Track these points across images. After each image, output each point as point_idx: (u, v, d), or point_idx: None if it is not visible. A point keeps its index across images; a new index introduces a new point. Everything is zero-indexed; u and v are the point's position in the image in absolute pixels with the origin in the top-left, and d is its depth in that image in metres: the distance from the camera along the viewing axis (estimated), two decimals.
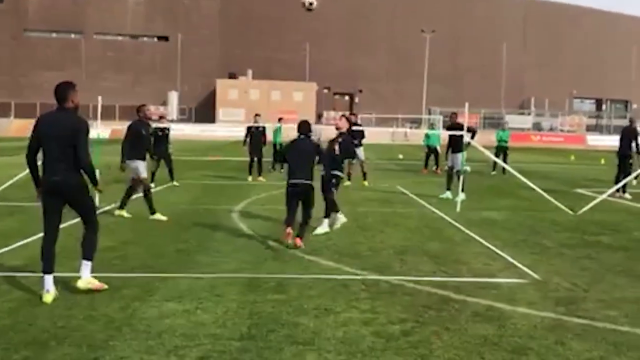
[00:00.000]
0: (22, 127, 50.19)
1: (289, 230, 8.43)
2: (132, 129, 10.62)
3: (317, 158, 9.11)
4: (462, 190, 13.48)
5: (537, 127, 73.67)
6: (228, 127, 60.71)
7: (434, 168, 23.05)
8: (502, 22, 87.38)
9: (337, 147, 9.92)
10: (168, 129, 16.07)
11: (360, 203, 13.41)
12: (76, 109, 6.12)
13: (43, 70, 73.77)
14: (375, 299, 6.07)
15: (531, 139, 64.01)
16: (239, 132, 42.35)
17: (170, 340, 4.80)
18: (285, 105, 71.01)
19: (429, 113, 74.25)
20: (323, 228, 9.59)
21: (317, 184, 9.25)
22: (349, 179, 16.77)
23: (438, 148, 23.55)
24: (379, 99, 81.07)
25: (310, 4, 14.67)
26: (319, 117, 70.26)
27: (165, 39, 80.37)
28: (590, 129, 76.90)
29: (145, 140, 10.44)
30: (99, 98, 13.48)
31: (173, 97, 72.62)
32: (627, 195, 15.49)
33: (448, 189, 14.47)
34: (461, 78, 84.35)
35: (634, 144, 15.43)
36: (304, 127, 9.21)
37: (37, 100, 61.12)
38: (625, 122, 17.72)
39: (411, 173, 22.61)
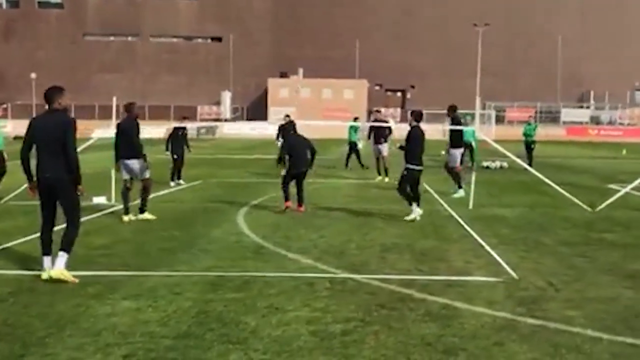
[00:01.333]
0: (81, 129, 51.98)
1: (289, 203, 11.35)
2: (122, 128, 10.61)
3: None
4: (460, 187, 13.37)
5: (595, 120, 71.26)
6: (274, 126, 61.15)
7: (469, 164, 22.63)
8: (559, 14, 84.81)
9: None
10: (186, 129, 16.27)
11: (373, 200, 13.34)
12: (65, 110, 6.84)
13: (101, 73, 76.36)
14: (333, 298, 6.04)
15: (589, 132, 62.00)
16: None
17: (106, 338, 4.91)
18: (336, 103, 71.17)
19: (484, 108, 72.99)
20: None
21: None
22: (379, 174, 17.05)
23: (473, 144, 23.11)
24: (431, 94, 79.95)
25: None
26: (370, 113, 69.93)
27: (219, 39, 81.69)
28: None
29: (136, 139, 10.48)
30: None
31: (226, 96, 73.75)
32: None
33: (459, 187, 14.07)
34: (516, 72, 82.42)
35: None
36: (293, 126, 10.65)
37: (96, 102, 63.21)
38: None
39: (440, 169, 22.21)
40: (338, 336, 5.00)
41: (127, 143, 10.44)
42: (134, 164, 10.49)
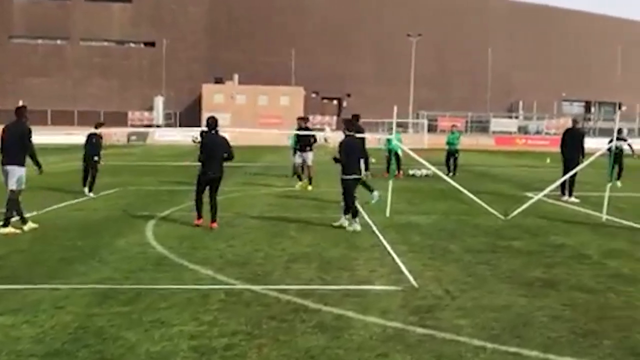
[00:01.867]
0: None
1: (200, 221, 10.49)
2: (9, 132, 9.88)
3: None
4: (372, 190, 13.49)
5: (523, 130, 73.52)
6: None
7: (395, 172, 22.83)
8: (489, 25, 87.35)
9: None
10: (101, 137, 15.62)
11: (293, 208, 13.18)
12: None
13: (29, 77, 73.74)
14: (225, 310, 5.86)
15: (516, 142, 63.81)
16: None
17: None
18: (272, 110, 71.00)
19: (417, 117, 74.27)
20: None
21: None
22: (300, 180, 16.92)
23: (399, 152, 23.34)
24: (368, 103, 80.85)
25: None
26: (306, 121, 69.93)
27: (152, 44, 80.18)
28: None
29: (24, 144, 9.80)
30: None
31: (159, 102, 72.42)
32: (573, 199, 15.28)
33: (371, 190, 13.88)
34: (449, 82, 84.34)
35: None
36: (212, 123, 10.61)
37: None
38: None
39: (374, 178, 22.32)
40: (220, 351, 4.83)
41: (11, 148, 9.81)
42: (14, 170, 9.79)
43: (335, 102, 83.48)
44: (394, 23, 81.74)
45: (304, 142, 17.10)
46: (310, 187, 16.74)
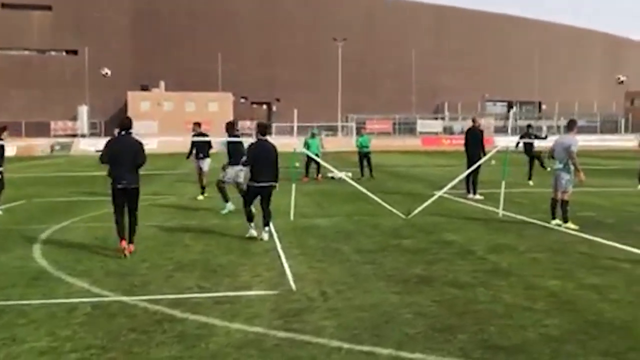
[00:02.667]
0: None
1: (123, 243, 8.70)
2: None
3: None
4: (227, 201, 13.08)
5: (448, 130, 75.21)
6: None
7: (315, 175, 22.91)
8: (413, 28, 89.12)
9: None
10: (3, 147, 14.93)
11: (198, 217, 12.99)
12: None
13: None
14: (86, 324, 5.67)
15: (442, 142, 65.15)
16: (147, 146, 41.52)
17: None
18: (200, 117, 69.83)
19: (346, 120, 74.95)
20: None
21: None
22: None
23: (319, 156, 23.44)
24: (297, 107, 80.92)
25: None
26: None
27: (74, 52, 78.02)
28: (501, 130, 79.05)
29: None
30: None
31: (83, 111, 70.42)
32: (477, 196, 15.68)
33: (226, 201, 13.37)
34: (376, 84, 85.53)
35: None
36: (126, 124, 9.06)
37: None
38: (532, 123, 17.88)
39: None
40: None
41: None
42: None
43: (264, 106, 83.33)
44: (320, 27, 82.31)
45: (199, 149, 15.87)
46: (202, 197, 15.83)
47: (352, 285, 7.01)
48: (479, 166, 15.18)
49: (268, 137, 10.32)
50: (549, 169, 16.39)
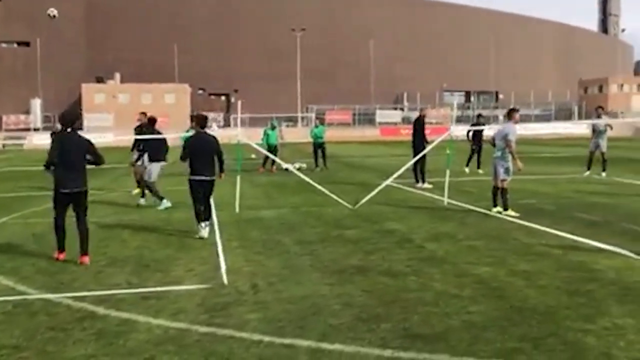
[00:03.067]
0: None
1: (62, 255, 8.01)
2: None
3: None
4: (162, 199, 12.77)
5: (407, 120, 75.63)
6: (92, 134, 58.09)
7: (270, 167, 22.75)
8: (371, 18, 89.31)
9: None
10: None
11: (140, 211, 12.76)
12: None
13: None
14: (3, 323, 5.49)
15: (401, 132, 65.50)
16: (102, 139, 40.57)
17: None
18: (156, 109, 68.94)
19: (307, 111, 74.81)
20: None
21: None
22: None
23: (278, 147, 23.30)
24: (257, 98, 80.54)
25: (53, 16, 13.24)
26: (192, 118, 68.75)
27: (26, 44, 76.07)
28: (460, 120, 79.96)
29: None
30: None
31: (36, 104, 68.82)
32: (426, 185, 15.78)
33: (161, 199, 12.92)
34: (335, 75, 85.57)
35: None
36: (68, 119, 8.13)
37: None
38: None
39: (245, 173, 22.12)
40: None
41: None
42: None
43: (223, 98, 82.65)
44: (278, 18, 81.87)
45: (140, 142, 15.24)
46: (136, 191, 14.97)
47: (285, 277, 6.95)
48: (424, 155, 15.27)
49: (213, 130, 10.18)
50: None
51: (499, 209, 11.14)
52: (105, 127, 63.41)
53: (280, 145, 24.36)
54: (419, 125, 15.94)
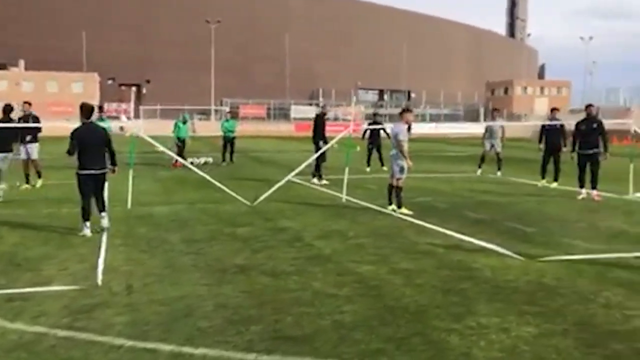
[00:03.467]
0: None
1: None
2: None
3: None
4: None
5: None
6: None
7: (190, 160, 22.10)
8: (287, 13, 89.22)
9: None
10: None
11: (25, 205, 12.11)
12: None
13: None
14: None
15: None
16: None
17: None
18: (62, 98, 66.34)
19: (221, 104, 73.81)
20: None
21: None
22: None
23: (187, 140, 22.69)
24: (169, 89, 78.83)
25: None
26: (100, 109, 66.35)
27: None
28: (371, 118, 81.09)
29: None
30: None
31: None
32: (324, 182, 15.80)
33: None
34: (252, 69, 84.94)
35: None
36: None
37: None
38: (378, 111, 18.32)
39: (159, 167, 21.49)
40: None
41: None
42: None
43: (134, 88, 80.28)
44: (193, 9, 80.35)
45: (27, 133, 14.26)
46: (40, 183, 14.75)
47: (164, 277, 6.73)
48: (324, 152, 15.36)
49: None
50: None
51: (393, 206, 11.30)
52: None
53: (191, 138, 23.87)
54: (319, 122, 15.99)
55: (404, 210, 11.06)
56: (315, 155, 15.11)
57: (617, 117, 75.30)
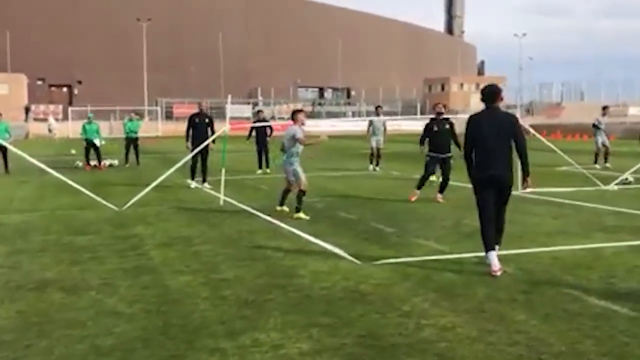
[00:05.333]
0: None
1: None
2: None
3: None
4: None
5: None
6: None
7: (93, 163, 21.20)
8: (221, 9, 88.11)
9: None
10: None
11: None
12: None
13: None
14: None
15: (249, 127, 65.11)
16: None
17: None
18: None
19: (156, 104, 72.22)
20: None
21: None
22: None
23: (97, 142, 21.50)
24: (101, 90, 76.69)
25: None
26: (27, 110, 64.13)
27: None
28: (314, 116, 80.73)
29: None
30: None
31: None
32: (206, 185, 15.16)
33: None
34: (185, 67, 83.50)
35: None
36: None
37: None
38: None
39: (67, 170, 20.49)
40: None
41: None
42: None
43: (65, 89, 77.94)
44: (122, 7, 78.43)
45: None
46: None
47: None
48: (207, 153, 14.88)
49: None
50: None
51: (283, 208, 10.69)
52: None
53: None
54: (195, 121, 15.50)
55: (301, 215, 10.42)
56: (191, 155, 14.50)
57: (550, 112, 77.39)
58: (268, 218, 10.45)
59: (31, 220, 10.60)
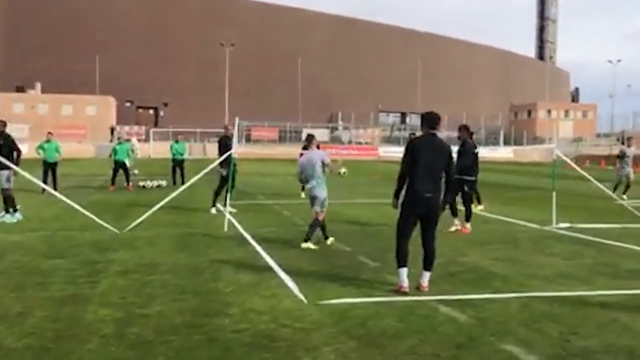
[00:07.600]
0: None
1: None
2: None
3: None
4: (15, 211, 12.20)
5: (337, 140, 75.46)
6: None
7: (124, 185, 21.64)
8: (305, 36, 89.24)
9: None
10: None
11: None
12: None
13: None
14: None
15: (326, 151, 64.95)
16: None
17: None
18: (76, 121, 67.17)
19: (233, 127, 73.73)
20: None
21: None
22: None
23: (127, 162, 22.13)
24: (186, 112, 79.24)
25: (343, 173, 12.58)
26: (112, 131, 67.04)
27: None
28: (391, 141, 79.89)
29: None
30: None
31: None
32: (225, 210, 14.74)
33: (11, 210, 12.87)
34: (270, 92, 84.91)
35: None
36: None
37: None
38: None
39: (93, 190, 21.05)
40: None
41: None
42: None
43: (151, 111, 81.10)
44: (210, 31, 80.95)
45: None
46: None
47: None
48: (225, 178, 14.48)
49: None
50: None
51: (309, 244, 10.08)
52: (21, 138, 61.11)
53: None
54: (222, 144, 15.11)
55: (309, 244, 9.91)
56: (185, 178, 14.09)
57: None
58: (258, 247, 9.94)
59: (25, 240, 10.57)
